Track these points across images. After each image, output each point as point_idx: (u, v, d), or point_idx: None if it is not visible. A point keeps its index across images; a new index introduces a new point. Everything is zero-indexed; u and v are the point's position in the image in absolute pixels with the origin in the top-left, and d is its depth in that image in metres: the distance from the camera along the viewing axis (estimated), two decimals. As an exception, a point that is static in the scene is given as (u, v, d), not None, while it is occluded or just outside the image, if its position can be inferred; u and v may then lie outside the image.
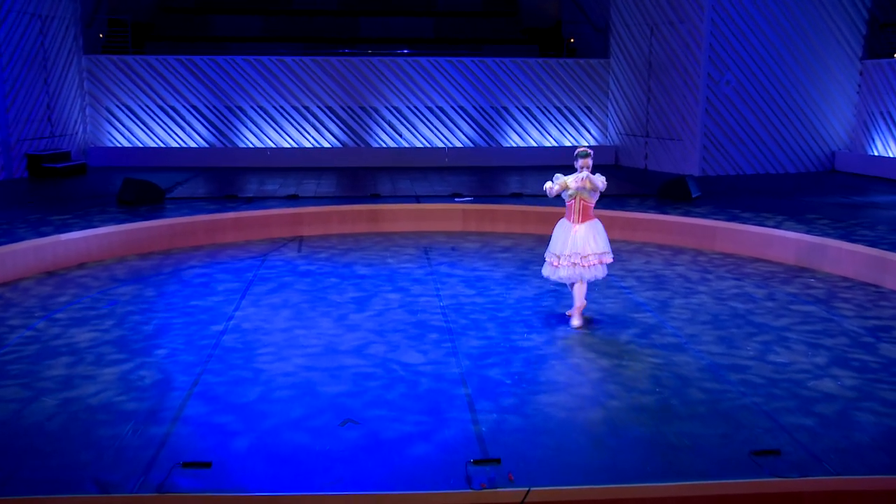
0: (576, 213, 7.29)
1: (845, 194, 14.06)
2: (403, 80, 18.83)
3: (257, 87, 18.46)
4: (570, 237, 7.23)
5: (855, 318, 7.60)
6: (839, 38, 17.34)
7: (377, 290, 8.49)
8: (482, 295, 8.36)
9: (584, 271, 7.20)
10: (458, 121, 19.20)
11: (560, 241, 7.30)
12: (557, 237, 7.35)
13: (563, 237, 7.29)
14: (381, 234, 11.67)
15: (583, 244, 7.19)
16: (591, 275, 7.22)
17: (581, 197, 7.27)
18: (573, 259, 7.17)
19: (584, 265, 7.18)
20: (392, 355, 6.45)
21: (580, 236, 7.20)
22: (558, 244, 7.29)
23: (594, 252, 7.19)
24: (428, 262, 9.88)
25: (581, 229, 7.24)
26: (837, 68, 17.44)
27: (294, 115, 18.70)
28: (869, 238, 9.80)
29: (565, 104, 19.51)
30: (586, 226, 7.26)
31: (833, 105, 17.56)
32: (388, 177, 16.32)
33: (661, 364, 6.29)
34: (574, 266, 7.18)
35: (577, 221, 7.28)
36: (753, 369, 6.19)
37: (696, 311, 7.84)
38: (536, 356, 6.46)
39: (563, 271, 7.22)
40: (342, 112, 18.82)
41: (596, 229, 7.28)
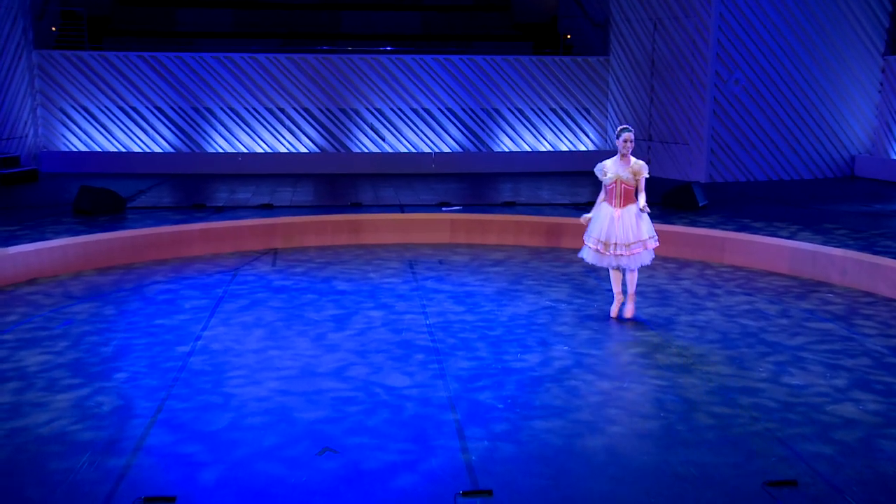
0: (616, 197, 7.80)
1: (866, 202, 14.17)
2: (387, 79, 18.89)
3: (227, 87, 18.48)
4: (613, 224, 7.76)
5: (878, 337, 7.65)
6: (859, 33, 17.50)
7: (358, 308, 8.49)
8: (472, 312, 8.37)
9: (629, 261, 7.77)
10: (446, 124, 19.26)
11: (602, 226, 7.82)
12: (599, 222, 7.85)
13: (605, 223, 7.81)
14: (362, 247, 11.67)
15: (626, 232, 7.73)
16: (638, 262, 7.80)
17: (622, 181, 7.76)
18: (618, 250, 7.73)
19: (629, 254, 7.74)
20: (374, 378, 6.44)
21: (624, 224, 7.73)
22: (602, 230, 7.81)
23: (638, 239, 7.72)
24: (413, 277, 9.88)
25: (623, 215, 7.75)
26: (857, 65, 17.60)
27: (268, 118, 18.71)
28: (892, 250, 9.87)
29: (561, 105, 19.61)
30: (628, 211, 7.76)
31: (852, 105, 17.71)
32: (370, 184, 16.33)
33: (665, 386, 6.31)
34: (619, 257, 7.76)
35: (619, 206, 7.79)
36: (767, 392, 6.22)
37: (703, 329, 7.88)
38: (531, 378, 6.47)
39: (606, 260, 7.81)
40: (320, 114, 18.85)
41: (639, 213, 7.72)
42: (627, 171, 7.77)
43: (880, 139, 17.77)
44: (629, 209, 7.78)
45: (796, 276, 10.07)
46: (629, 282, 8.02)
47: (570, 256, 11.16)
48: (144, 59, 18.24)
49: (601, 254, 7.84)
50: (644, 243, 7.75)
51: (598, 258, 7.88)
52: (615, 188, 7.80)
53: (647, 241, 7.75)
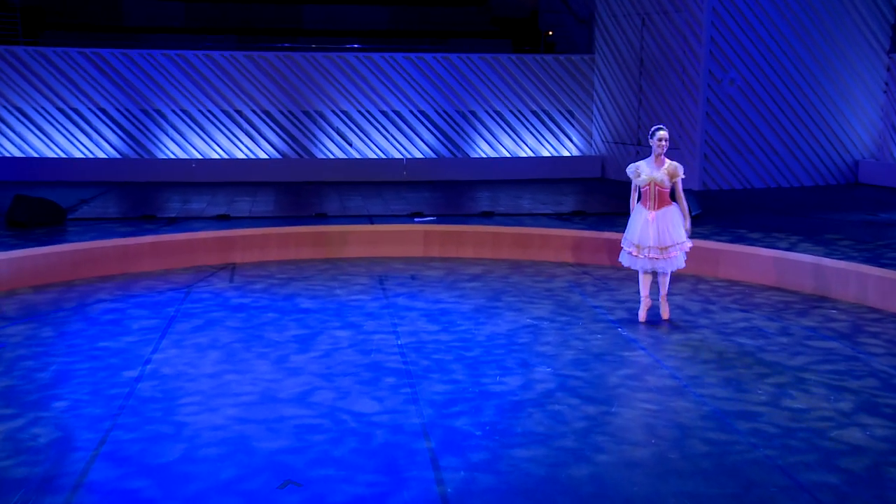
0: (651, 199, 8.40)
1: (871, 210, 14.34)
2: (354, 79, 18.91)
3: (179, 87, 18.41)
4: (648, 227, 8.36)
5: (885, 356, 7.74)
6: (862, 29, 17.76)
7: (323, 327, 8.47)
8: (447, 331, 8.37)
9: (665, 264, 8.39)
10: (419, 127, 19.30)
11: (637, 229, 8.44)
12: (634, 225, 8.48)
13: (640, 226, 8.42)
14: (327, 261, 11.65)
15: (661, 235, 8.33)
16: (673, 266, 8.42)
17: (656, 182, 8.33)
18: (652, 253, 8.34)
19: (665, 257, 8.36)
20: (341, 403, 6.43)
21: (658, 226, 8.33)
22: (636, 233, 8.44)
23: (674, 242, 8.32)
24: (383, 294, 9.88)
25: (658, 218, 8.34)
26: (861, 64, 17.84)
27: (224, 121, 18.66)
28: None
29: (543, 108, 19.73)
30: (663, 214, 8.36)
31: (856, 107, 17.94)
32: (337, 193, 16.31)
33: (657, 411, 6.34)
34: (654, 260, 8.38)
35: (654, 208, 8.39)
36: (766, 417, 6.26)
37: (697, 349, 7.93)
38: (511, 403, 6.48)
39: (641, 263, 8.44)
40: (282, 117, 18.83)
41: (673, 216, 8.36)
42: (662, 173, 8.32)
43: (886, 143, 18.00)
44: (664, 211, 8.37)
45: (797, 291, 10.16)
46: (661, 284, 8.63)
47: (552, 270, 11.20)
48: (87, 55, 18.14)
49: (634, 256, 8.49)
50: (680, 246, 8.36)
51: (631, 260, 8.56)
52: (649, 190, 8.40)
53: (682, 244, 8.37)
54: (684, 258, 8.51)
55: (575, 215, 13.54)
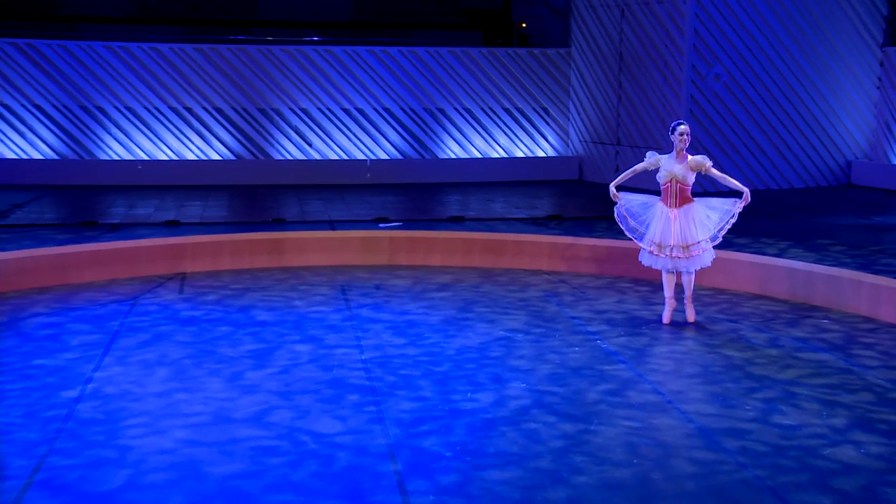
0: (672, 196, 8.73)
1: (864, 214, 14.51)
2: (313, 74, 18.88)
3: (123, 83, 18.28)
4: (670, 224, 8.68)
5: (880, 369, 7.83)
6: (854, 21, 17.99)
7: (281, 341, 8.44)
8: (414, 345, 8.37)
9: (688, 263, 8.71)
10: (383, 126, 19.30)
11: (657, 228, 8.76)
12: (655, 223, 8.80)
13: (662, 224, 8.73)
14: (286, 270, 11.62)
15: (683, 234, 8.64)
16: (697, 265, 8.74)
17: (678, 179, 8.66)
18: (674, 252, 8.67)
19: (686, 256, 8.67)
20: (300, 423, 6.40)
21: (680, 225, 8.64)
22: (657, 232, 8.77)
23: (695, 241, 8.64)
24: (346, 305, 9.86)
25: (680, 216, 8.67)
26: (852, 58, 18.06)
27: (173, 119, 18.55)
28: (894, 268, 10.12)
29: (516, 105, 19.80)
30: (685, 212, 8.69)
31: (848, 104, 18.15)
32: (296, 197, 16.27)
33: (638, 429, 6.37)
34: (677, 259, 8.70)
35: (675, 206, 8.72)
36: (755, 434, 6.31)
37: (681, 362, 7.97)
38: (483, 421, 6.48)
39: (662, 262, 8.79)
40: (235, 115, 18.75)
41: (696, 214, 8.67)
42: (684, 169, 8.64)
43: (879, 142, 18.22)
44: (686, 209, 8.70)
45: (787, 300, 10.26)
46: (686, 285, 8.94)
47: (527, 279, 11.23)
48: (19, 47, 17.95)
49: (655, 255, 8.82)
50: (703, 245, 8.68)
51: (652, 260, 8.89)
52: (670, 187, 8.72)
53: (706, 241, 8.68)
54: (712, 256, 8.83)
55: (551, 220, 13.59)
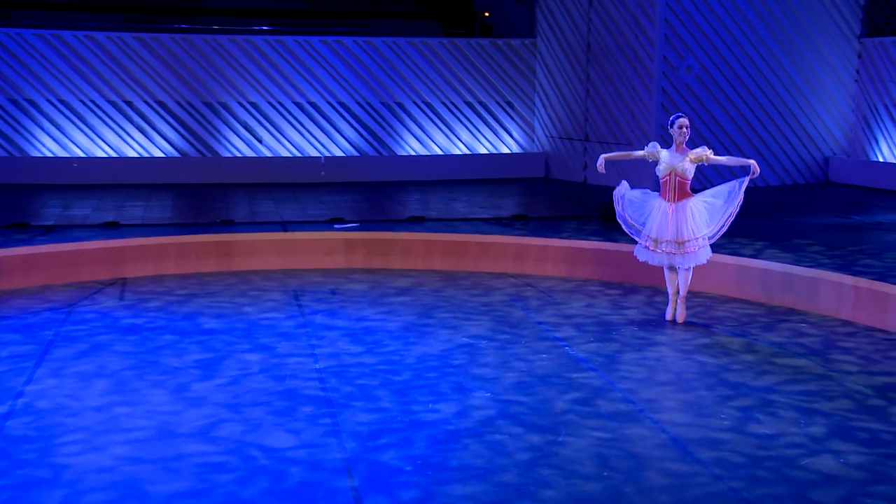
0: (671, 190, 9.03)
1: (843, 212, 14.68)
2: (263, 66, 18.79)
3: (56, 74, 18.08)
4: (667, 219, 8.97)
5: (859, 374, 7.92)
6: (831, 11, 18.21)
7: (230, 350, 8.40)
8: (372, 353, 8.36)
9: (682, 260, 9.02)
10: (338, 121, 19.26)
11: (654, 222, 9.06)
12: (652, 217, 9.08)
13: (659, 218, 9.03)
14: (235, 274, 11.56)
15: (678, 229, 8.94)
16: (693, 262, 9.04)
17: (677, 173, 8.97)
18: (669, 248, 8.98)
19: (682, 252, 8.97)
20: (251, 438, 6.37)
21: (677, 220, 8.93)
22: (654, 226, 9.06)
23: (693, 237, 8.92)
24: (299, 311, 9.83)
25: (678, 211, 8.96)
26: (829, 49, 18.27)
27: (112, 114, 18.39)
28: (875, 269, 10.24)
29: (479, 99, 19.83)
30: (683, 206, 8.97)
31: (825, 97, 18.37)
32: (245, 196, 16.19)
33: (609, 440, 6.40)
34: (671, 255, 9.02)
35: (674, 200, 9.02)
36: (730, 444, 6.36)
37: (653, 369, 8.02)
38: (445, 433, 6.48)
39: (658, 258, 9.11)
40: (179, 109, 18.62)
41: (694, 209, 8.96)
42: (685, 162, 8.93)
43: (857, 138, 18.45)
44: (684, 204, 8.98)
45: (763, 303, 10.35)
46: (681, 282, 9.22)
47: (491, 283, 11.25)
48: (-51, 38, 17.72)
49: (652, 251, 9.11)
50: (700, 241, 8.95)
51: (649, 255, 9.18)
52: (669, 181, 9.02)
53: (704, 237, 8.97)
54: (707, 253, 9.09)
55: (516, 220, 13.63)
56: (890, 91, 17.56)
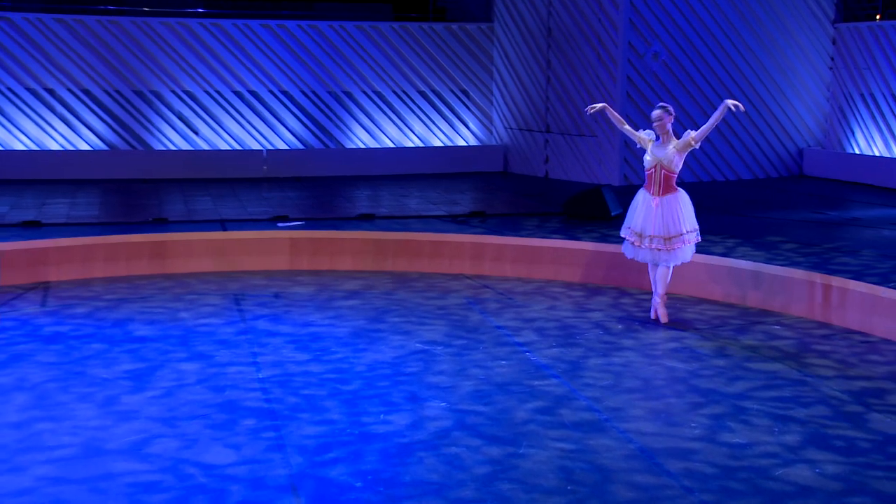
0: (656, 184, 9.27)
1: (818, 207, 14.86)
2: (199, 52, 18.66)
3: (-25, 62, 17.85)
4: (652, 213, 9.21)
5: (836, 379, 8.02)
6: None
7: (164, 360, 8.34)
8: (319, 361, 8.34)
9: (668, 256, 9.23)
10: (281, 112, 19.17)
11: (639, 216, 9.32)
12: (636, 211, 9.36)
13: (643, 212, 9.29)
14: (169, 277, 11.48)
15: (665, 224, 9.16)
16: (677, 259, 9.26)
17: (662, 166, 9.19)
18: (655, 244, 9.19)
19: (668, 248, 9.18)
20: (187, 454, 6.32)
21: (663, 214, 9.17)
22: (638, 220, 9.32)
23: (679, 233, 9.17)
24: (240, 316, 9.79)
25: (663, 205, 9.20)
26: (803, 35, 18.48)
27: (31, 102, 18.17)
28: (852, 268, 10.37)
29: (433, 88, 19.83)
30: (668, 200, 9.22)
31: (798, 86, 18.58)
32: (180, 193, 16.07)
33: (572, 451, 6.42)
34: (657, 251, 9.22)
35: (658, 194, 9.25)
36: (701, 454, 6.41)
37: (619, 375, 8.07)
38: (398, 446, 6.48)
39: (643, 254, 9.32)
40: (107, 99, 18.44)
41: (680, 204, 9.22)
42: (670, 152, 9.18)
43: (833, 129, 18.68)
44: (670, 198, 9.22)
45: (735, 304, 10.45)
46: (660, 279, 9.40)
47: (447, 284, 11.26)
48: None
49: (636, 246, 9.35)
50: (685, 238, 9.21)
51: (633, 251, 9.43)
52: (654, 173, 9.26)
53: (689, 234, 9.24)
54: (691, 251, 9.40)
55: (473, 217, 13.64)
56: (866, 79, 17.79)
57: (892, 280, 9.68)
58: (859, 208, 14.90)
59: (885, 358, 8.61)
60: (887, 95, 17.24)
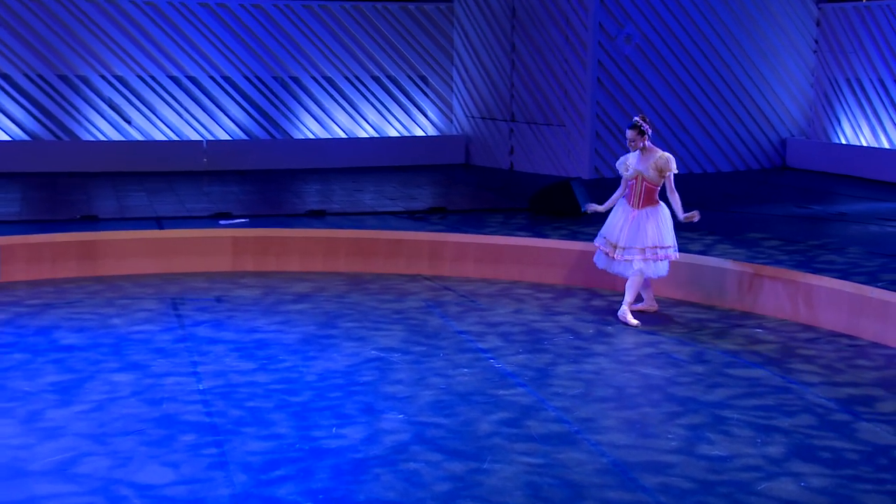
0: (636, 196, 9.61)
1: (801, 201, 14.97)
2: (130, 33, 18.54)
3: None
4: (628, 225, 9.53)
5: (822, 386, 8.07)
6: (785, -26, 18.58)
7: (94, 370, 8.28)
8: (265, 370, 8.31)
9: (644, 267, 9.52)
10: (223, 99, 19.08)
11: (616, 226, 9.63)
12: (614, 222, 9.68)
13: (620, 223, 9.60)
14: (100, 280, 11.41)
15: (643, 235, 9.47)
16: (653, 271, 9.58)
17: (644, 178, 9.53)
18: (631, 254, 9.48)
19: (644, 259, 9.48)
20: (119, 473, 6.28)
21: (640, 226, 9.49)
22: (614, 231, 9.64)
23: (656, 245, 9.49)
24: (178, 322, 9.74)
25: (641, 217, 9.52)
26: (785, 16, 18.61)
27: (-51, 90, 18.02)
28: (838, 266, 10.46)
29: (388, 73, 19.82)
30: (648, 213, 9.54)
31: (781, 71, 18.71)
32: (112, 187, 15.96)
33: (540, 466, 6.43)
34: (630, 262, 9.50)
35: (638, 206, 9.60)
36: (678, 468, 6.44)
37: (591, 383, 8.09)
38: (352, 462, 6.47)
39: (616, 266, 9.62)
40: (28, 84, 18.28)
41: (660, 217, 9.56)
42: (651, 168, 9.49)
43: (818, 117, 18.82)
44: (649, 211, 9.55)
45: (714, 306, 10.51)
46: (631, 287, 9.62)
47: (404, 286, 11.25)
48: None
49: (610, 257, 9.67)
50: (665, 252, 9.53)
51: (607, 262, 9.75)
52: (635, 185, 9.62)
53: (667, 249, 9.55)
54: (667, 267, 9.67)
55: (432, 213, 13.65)
56: (852, 63, 17.94)
57: (881, 279, 9.78)
58: (845, 202, 15.04)
59: (873, 363, 8.68)
60: (875, 81, 17.40)
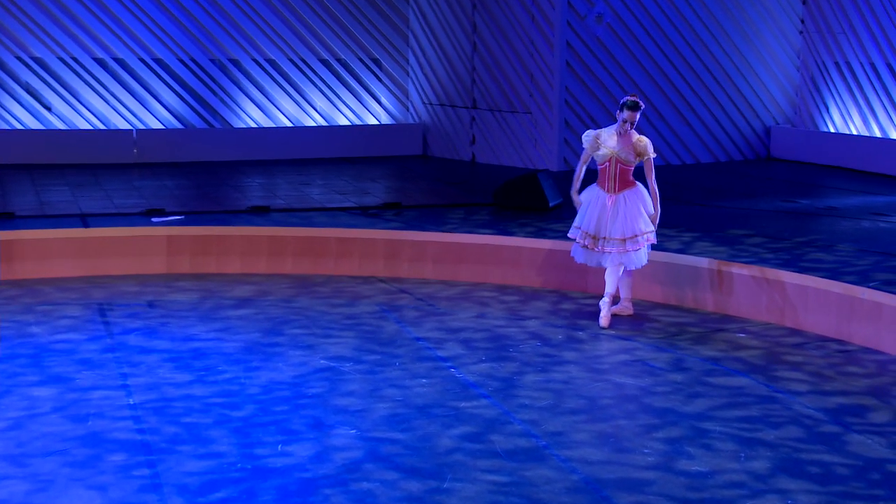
0: (611, 179, 9.66)
1: (787, 195, 15.08)
2: (51, 11, 18.40)
3: None
4: (605, 213, 9.61)
5: (809, 395, 8.14)
6: (769, -50, 18.69)
7: (11, 384, 8.23)
8: (204, 382, 8.29)
9: (624, 258, 9.63)
10: (155, 84, 18.98)
11: (593, 215, 9.68)
12: (590, 211, 9.72)
13: (597, 212, 9.66)
14: (17, 284, 11.33)
15: (622, 224, 9.55)
16: (635, 261, 9.68)
17: (619, 159, 9.58)
18: (611, 246, 9.57)
19: (625, 250, 9.58)
20: (40, 498, 6.24)
21: (620, 213, 9.57)
22: (591, 220, 9.69)
23: (638, 233, 9.58)
24: (106, 330, 9.69)
25: (619, 202, 9.60)
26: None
27: None
28: (826, 265, 10.54)
29: (338, 56, 19.78)
30: (625, 197, 9.63)
31: (765, 53, 18.81)
32: (31, 182, 15.85)
33: (506, 484, 6.44)
34: (608, 254, 9.59)
35: (614, 191, 9.66)
36: (656, 485, 6.47)
37: (560, 394, 8.11)
38: (299, 482, 6.46)
39: (597, 257, 9.71)
40: (-58, 68, 18.15)
41: (639, 200, 9.67)
42: (628, 150, 9.57)
43: (804, 104, 18.92)
44: (626, 195, 9.64)
45: (694, 309, 10.57)
46: (609, 281, 9.71)
47: (356, 288, 11.23)
48: None
49: (590, 250, 9.71)
50: (647, 237, 9.66)
51: (587, 256, 9.80)
52: (609, 168, 9.64)
53: (648, 234, 9.68)
54: (647, 253, 9.82)
55: (387, 209, 13.63)
56: (841, 45, 18.04)
57: (873, 279, 9.86)
58: (835, 196, 15.15)
59: (864, 370, 8.76)
60: (865, 64, 17.52)
